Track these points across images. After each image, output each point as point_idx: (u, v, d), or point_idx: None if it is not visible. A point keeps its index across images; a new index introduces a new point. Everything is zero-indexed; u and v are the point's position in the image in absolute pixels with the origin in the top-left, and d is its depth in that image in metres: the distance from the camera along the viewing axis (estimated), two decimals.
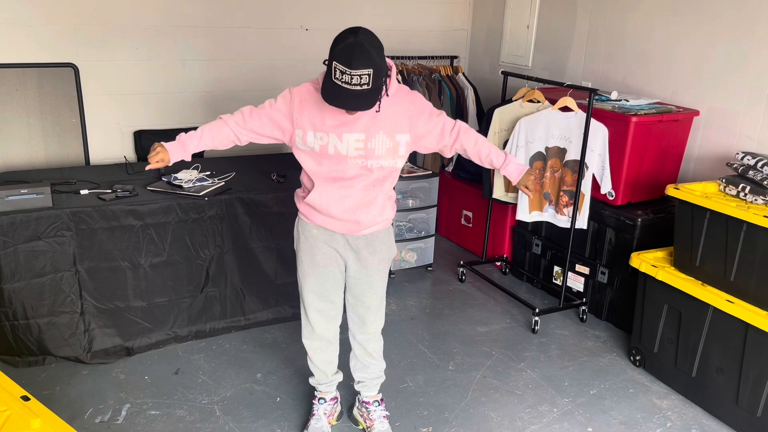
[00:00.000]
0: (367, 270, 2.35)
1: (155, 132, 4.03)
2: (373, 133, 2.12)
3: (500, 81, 4.07)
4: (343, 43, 1.89)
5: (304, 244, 2.33)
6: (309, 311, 2.41)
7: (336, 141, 2.11)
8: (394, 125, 2.15)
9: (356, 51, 1.87)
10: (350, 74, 1.88)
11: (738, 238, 2.62)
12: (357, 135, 2.11)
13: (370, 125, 2.12)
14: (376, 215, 2.26)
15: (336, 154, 2.13)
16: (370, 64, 1.90)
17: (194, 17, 3.98)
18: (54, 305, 2.88)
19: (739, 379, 2.63)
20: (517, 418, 2.75)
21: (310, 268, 2.34)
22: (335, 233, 2.28)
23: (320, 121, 2.11)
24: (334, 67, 1.91)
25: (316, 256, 2.31)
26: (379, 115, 2.11)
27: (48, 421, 1.47)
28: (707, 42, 3.36)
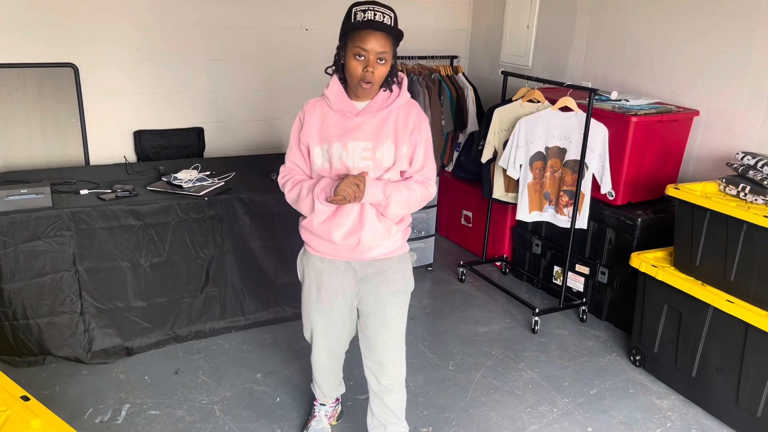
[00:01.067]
0: (378, 303, 2.15)
1: (155, 132, 4.03)
2: (381, 141, 2.01)
3: (500, 81, 4.07)
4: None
5: (309, 278, 2.20)
6: (314, 347, 2.34)
7: (341, 150, 2.00)
8: (402, 134, 2.04)
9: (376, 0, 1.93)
10: (374, 10, 1.87)
11: (738, 238, 2.62)
12: (363, 143, 2.00)
13: (379, 132, 2.01)
14: (380, 234, 2.07)
15: (341, 166, 2.01)
16: (391, 9, 1.92)
17: (194, 17, 3.98)
18: (54, 305, 2.88)
19: (739, 379, 2.63)
20: (517, 418, 2.75)
21: (316, 304, 2.21)
22: (340, 262, 2.13)
23: (324, 131, 2.02)
24: (354, 14, 1.89)
25: (321, 290, 2.17)
26: (387, 122, 2.02)
27: (48, 421, 1.47)
28: (707, 42, 3.36)
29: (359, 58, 1.89)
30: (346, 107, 2.01)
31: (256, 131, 4.39)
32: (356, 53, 1.89)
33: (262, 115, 4.37)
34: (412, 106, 2.06)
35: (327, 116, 2.02)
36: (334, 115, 2.02)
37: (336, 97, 2.02)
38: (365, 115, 2.01)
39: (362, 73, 1.90)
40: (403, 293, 2.19)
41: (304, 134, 2.04)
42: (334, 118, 2.02)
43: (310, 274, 2.19)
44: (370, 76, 1.90)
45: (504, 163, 3.59)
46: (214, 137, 4.23)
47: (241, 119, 4.31)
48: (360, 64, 1.90)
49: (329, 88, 2.04)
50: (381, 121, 2.01)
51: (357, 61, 1.90)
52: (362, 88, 1.95)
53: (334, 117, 2.02)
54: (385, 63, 1.92)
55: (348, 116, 2.01)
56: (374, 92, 2.01)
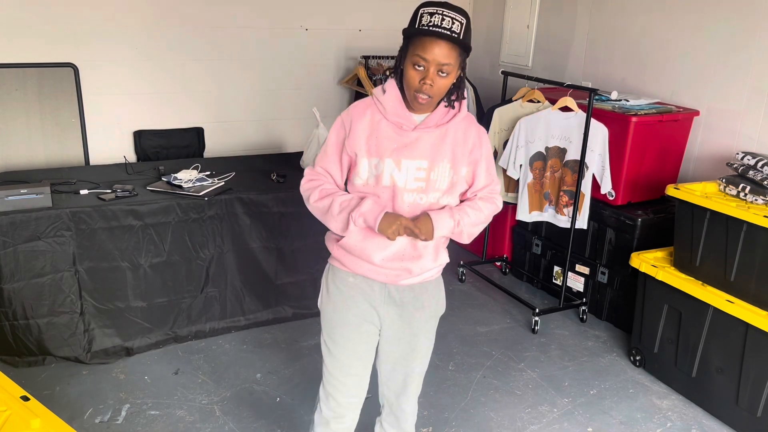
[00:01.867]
0: (411, 329, 1.94)
1: (155, 132, 4.03)
2: (437, 161, 1.78)
3: (500, 81, 4.07)
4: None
5: (337, 297, 1.91)
6: (332, 381, 1.97)
7: (393, 168, 1.76)
8: (461, 155, 1.82)
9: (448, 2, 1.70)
10: (442, 14, 1.64)
11: (738, 238, 2.62)
12: (419, 162, 1.77)
13: (436, 151, 1.79)
14: (426, 263, 1.87)
15: (391, 186, 1.77)
16: (463, 14, 1.68)
17: (194, 17, 3.98)
18: (54, 305, 2.87)
19: (739, 379, 2.63)
20: (517, 418, 2.75)
21: (340, 328, 1.92)
22: (375, 282, 1.88)
23: (375, 143, 1.77)
24: (420, 15, 1.67)
25: (350, 310, 1.90)
26: (445, 140, 1.79)
27: (48, 421, 1.47)
28: (707, 42, 3.36)
29: (418, 68, 1.68)
30: (404, 119, 1.77)
31: (256, 131, 4.39)
32: (415, 62, 1.68)
33: (262, 115, 4.37)
34: (470, 121, 1.85)
35: (379, 126, 1.78)
36: (387, 125, 1.78)
37: (393, 105, 1.78)
38: (422, 130, 1.78)
39: (419, 85, 1.69)
40: (435, 318, 2.01)
41: (352, 142, 1.78)
42: (387, 130, 1.78)
43: (338, 293, 1.91)
44: (428, 89, 1.69)
45: (504, 163, 3.59)
46: (214, 137, 4.23)
47: (241, 119, 4.31)
48: (418, 75, 1.69)
49: (386, 94, 1.79)
50: (438, 138, 1.79)
51: (415, 71, 1.69)
52: (417, 103, 1.73)
53: (387, 128, 1.78)
54: (448, 76, 1.70)
55: (404, 129, 1.77)
56: (424, 111, 1.79)
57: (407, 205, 1.79)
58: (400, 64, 1.76)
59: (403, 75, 1.73)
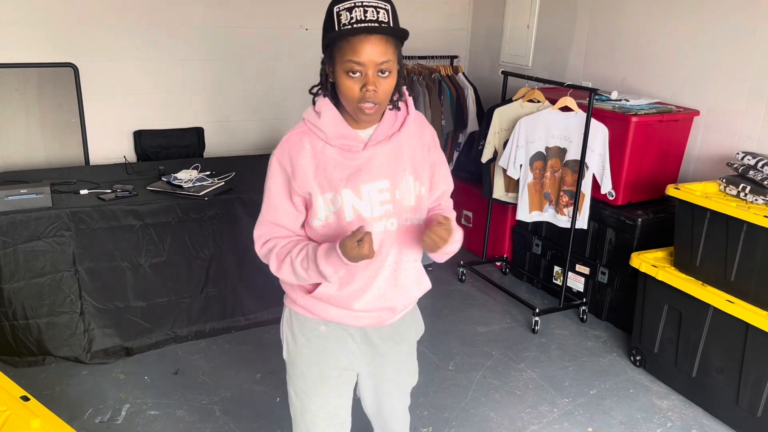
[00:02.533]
0: (393, 364, 1.77)
1: (155, 132, 4.03)
2: (399, 177, 1.55)
3: (500, 81, 4.07)
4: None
5: (309, 350, 1.65)
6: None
7: (353, 199, 1.51)
8: (421, 162, 1.60)
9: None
10: (362, 6, 1.37)
11: (738, 238, 2.62)
12: (379, 183, 1.52)
13: (394, 165, 1.55)
14: (409, 294, 1.67)
15: (357, 219, 1.52)
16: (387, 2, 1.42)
17: (194, 17, 3.98)
18: (54, 305, 2.88)
19: (739, 380, 2.63)
20: (517, 418, 2.75)
21: (318, 384, 1.68)
22: (352, 328, 1.66)
23: (324, 176, 1.50)
24: (337, 15, 1.39)
25: (328, 364, 1.66)
26: (402, 149, 1.56)
27: (48, 421, 1.47)
28: (707, 42, 3.35)
29: (353, 75, 1.41)
30: (350, 140, 1.51)
31: (256, 131, 4.39)
32: (348, 69, 1.40)
33: (262, 115, 4.37)
34: (422, 122, 1.65)
35: (323, 155, 1.51)
36: (332, 152, 1.51)
37: (334, 127, 1.50)
38: (374, 147, 1.53)
39: (361, 94, 1.41)
40: (415, 344, 1.85)
41: (301, 182, 1.51)
42: (334, 157, 1.51)
43: (309, 346, 1.65)
44: (372, 95, 1.41)
45: (504, 163, 3.59)
46: (214, 137, 4.23)
47: (241, 119, 4.31)
48: (356, 83, 1.41)
49: (322, 117, 1.50)
50: (394, 150, 1.55)
51: (351, 80, 1.41)
52: (364, 114, 1.45)
53: (333, 155, 1.51)
54: (390, 75, 1.44)
55: (353, 151, 1.51)
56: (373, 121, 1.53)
57: (378, 236, 1.53)
58: (328, 77, 1.50)
59: (338, 88, 1.46)
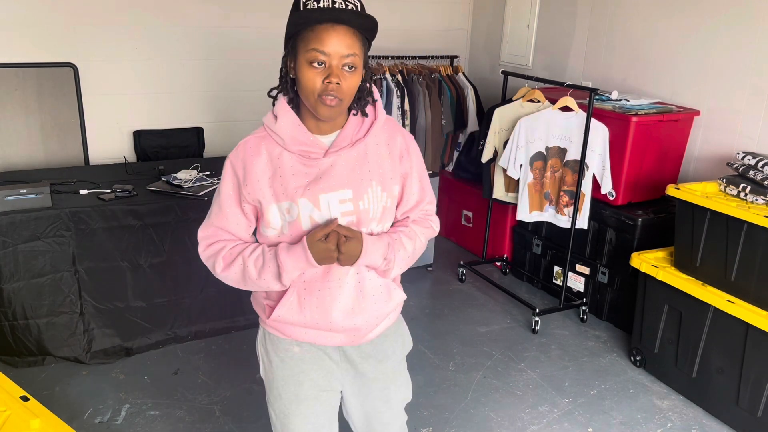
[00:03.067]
0: (379, 382, 1.65)
1: (155, 132, 4.03)
2: (363, 186, 1.44)
3: (500, 81, 4.07)
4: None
5: (283, 371, 1.57)
6: None
7: (311, 209, 1.41)
8: (390, 170, 1.49)
9: None
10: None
11: (738, 238, 2.62)
12: (340, 193, 1.42)
13: (359, 173, 1.44)
14: (382, 306, 1.55)
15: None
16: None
17: (194, 17, 3.98)
18: (53, 305, 2.87)
19: (739, 380, 2.63)
20: (518, 418, 2.75)
21: (294, 405, 1.58)
22: (327, 347, 1.58)
23: (280, 183, 1.41)
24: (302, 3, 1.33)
25: (303, 385, 1.57)
26: (367, 156, 1.46)
27: (47, 421, 1.47)
28: (707, 42, 3.35)
29: (317, 66, 1.32)
30: (309, 146, 1.42)
31: None
32: (312, 59, 1.32)
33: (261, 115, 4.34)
34: (393, 127, 1.53)
35: (281, 161, 1.42)
36: (290, 158, 1.42)
37: (292, 132, 1.41)
38: (336, 154, 1.43)
39: (323, 86, 1.33)
40: (404, 360, 1.73)
41: (251, 189, 1.43)
42: (291, 164, 1.42)
43: (283, 366, 1.57)
44: (335, 88, 1.32)
45: (504, 163, 3.59)
46: (213, 137, 4.23)
47: (241, 119, 4.31)
48: (319, 75, 1.32)
49: (279, 121, 1.42)
50: (358, 157, 1.45)
51: (314, 70, 1.32)
52: (326, 107, 1.35)
53: (291, 161, 1.42)
54: (355, 71, 1.35)
55: (312, 158, 1.42)
56: (342, 117, 1.44)
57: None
58: (288, 72, 1.41)
59: (298, 83, 1.37)
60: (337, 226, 1.40)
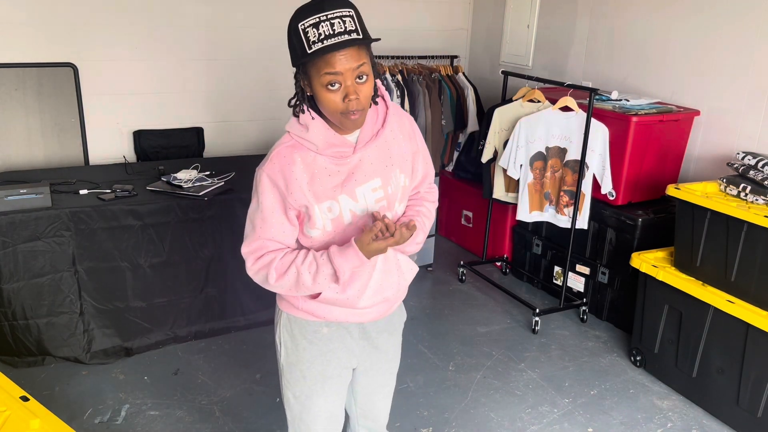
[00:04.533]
0: (386, 355, 1.81)
1: (155, 132, 4.03)
2: (389, 173, 1.59)
3: (500, 81, 4.07)
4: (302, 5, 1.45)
5: (311, 352, 1.69)
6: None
7: (349, 203, 1.54)
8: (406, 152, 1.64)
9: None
10: (328, 19, 1.38)
11: (739, 238, 2.62)
12: (372, 183, 1.56)
13: (383, 162, 1.58)
14: (403, 279, 1.71)
15: (354, 221, 1.56)
16: (347, 4, 1.42)
17: (194, 17, 3.98)
18: (53, 305, 2.87)
19: (739, 380, 2.63)
20: (518, 418, 2.75)
21: (318, 384, 1.70)
22: (352, 325, 1.70)
23: (318, 185, 1.52)
24: (302, 32, 1.42)
25: (330, 364, 1.69)
26: (387, 146, 1.59)
27: (47, 421, 1.47)
28: (707, 42, 3.35)
29: (333, 87, 1.42)
30: (341, 146, 1.53)
31: (255, 131, 4.39)
32: (328, 83, 1.41)
33: (262, 115, 4.37)
34: (399, 113, 1.66)
35: (315, 165, 1.52)
36: (324, 161, 1.53)
37: (325, 137, 1.52)
38: (362, 150, 1.56)
39: (345, 105, 1.43)
40: (400, 334, 1.88)
41: (297, 196, 1.52)
42: (326, 166, 1.53)
43: (311, 347, 1.68)
44: (356, 104, 1.43)
45: (504, 163, 3.59)
46: (213, 137, 4.23)
47: (241, 119, 4.31)
48: (338, 95, 1.42)
49: (311, 130, 1.51)
50: (380, 148, 1.58)
51: (332, 92, 1.42)
52: (350, 121, 1.46)
53: (325, 164, 1.53)
54: (367, 78, 1.45)
55: (344, 156, 1.54)
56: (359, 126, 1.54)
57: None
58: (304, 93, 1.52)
59: (319, 102, 1.47)
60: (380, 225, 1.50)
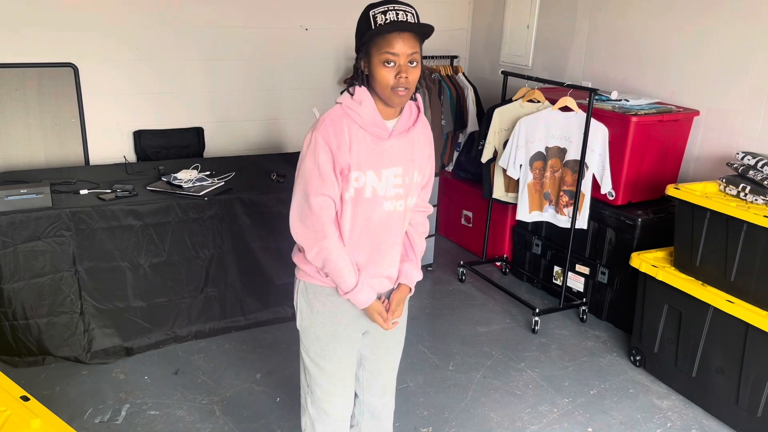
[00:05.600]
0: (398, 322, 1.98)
1: (155, 132, 4.03)
2: (409, 167, 1.81)
3: (500, 81, 4.07)
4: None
5: (324, 314, 1.88)
6: (327, 404, 1.96)
7: (374, 180, 1.75)
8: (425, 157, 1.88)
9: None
10: (395, 10, 1.65)
11: (738, 238, 2.62)
12: (395, 169, 1.77)
13: (408, 156, 1.81)
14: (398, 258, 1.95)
15: (373, 197, 1.76)
16: (410, 6, 1.69)
17: (194, 17, 3.98)
18: (53, 305, 2.87)
19: (739, 380, 2.63)
20: (517, 418, 2.75)
21: (330, 346, 1.90)
22: None
23: (356, 153, 1.73)
24: (373, 18, 1.66)
25: (341, 324, 1.89)
26: (413, 145, 1.82)
27: (47, 421, 1.47)
28: (707, 42, 3.35)
29: (389, 65, 1.66)
30: (381, 128, 1.75)
31: (255, 131, 4.39)
32: (385, 60, 1.65)
33: (262, 115, 4.37)
34: (425, 123, 1.89)
35: (357, 137, 1.73)
36: (364, 136, 1.73)
37: (371, 115, 1.74)
38: (395, 138, 1.78)
39: (396, 81, 1.67)
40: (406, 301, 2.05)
41: (344, 157, 1.71)
42: (365, 141, 1.73)
43: (324, 310, 1.88)
44: (404, 81, 1.67)
45: (504, 163, 3.59)
46: (214, 137, 4.23)
47: (241, 119, 4.31)
48: (391, 72, 1.66)
49: (363, 104, 1.73)
50: (407, 144, 1.80)
51: (387, 69, 1.66)
52: (398, 97, 1.69)
53: (365, 139, 1.73)
54: (417, 65, 1.70)
55: (381, 138, 1.75)
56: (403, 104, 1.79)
57: (386, 214, 1.81)
58: (364, 70, 1.73)
59: (373, 78, 1.70)
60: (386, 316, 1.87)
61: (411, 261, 1.99)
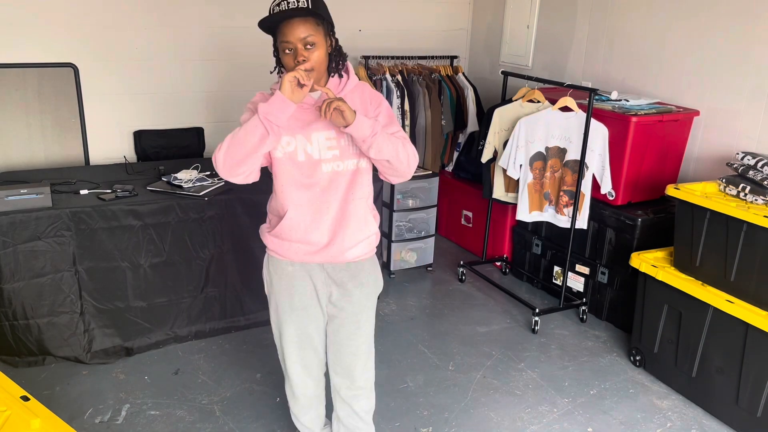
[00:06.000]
0: (353, 307, 2.07)
1: (155, 132, 4.03)
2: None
3: (500, 81, 4.07)
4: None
5: (278, 285, 2.06)
6: (289, 365, 2.16)
7: (305, 143, 1.90)
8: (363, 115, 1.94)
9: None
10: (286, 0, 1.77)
11: (738, 238, 2.62)
12: (326, 133, 1.90)
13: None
14: (357, 231, 1.99)
15: (307, 160, 1.90)
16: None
17: (194, 17, 3.98)
18: (54, 305, 2.88)
19: (739, 379, 2.63)
20: (517, 418, 2.75)
21: (287, 313, 2.07)
22: (314, 266, 2.02)
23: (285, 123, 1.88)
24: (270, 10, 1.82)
25: (294, 297, 2.04)
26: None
27: (48, 421, 1.47)
28: (707, 42, 3.36)
29: (289, 52, 1.82)
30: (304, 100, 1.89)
31: None
32: (284, 48, 1.82)
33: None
34: (363, 88, 1.99)
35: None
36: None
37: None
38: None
39: (295, 65, 1.81)
40: (375, 295, 2.14)
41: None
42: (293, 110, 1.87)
43: (280, 282, 2.05)
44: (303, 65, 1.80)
45: (504, 163, 3.59)
46: (214, 137, 4.23)
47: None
48: (291, 57, 1.82)
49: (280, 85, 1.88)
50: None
51: (287, 55, 1.83)
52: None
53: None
54: (317, 47, 1.81)
55: (305, 108, 1.90)
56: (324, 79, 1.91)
57: (327, 175, 1.92)
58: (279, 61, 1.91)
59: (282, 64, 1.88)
60: (301, 72, 1.78)
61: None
